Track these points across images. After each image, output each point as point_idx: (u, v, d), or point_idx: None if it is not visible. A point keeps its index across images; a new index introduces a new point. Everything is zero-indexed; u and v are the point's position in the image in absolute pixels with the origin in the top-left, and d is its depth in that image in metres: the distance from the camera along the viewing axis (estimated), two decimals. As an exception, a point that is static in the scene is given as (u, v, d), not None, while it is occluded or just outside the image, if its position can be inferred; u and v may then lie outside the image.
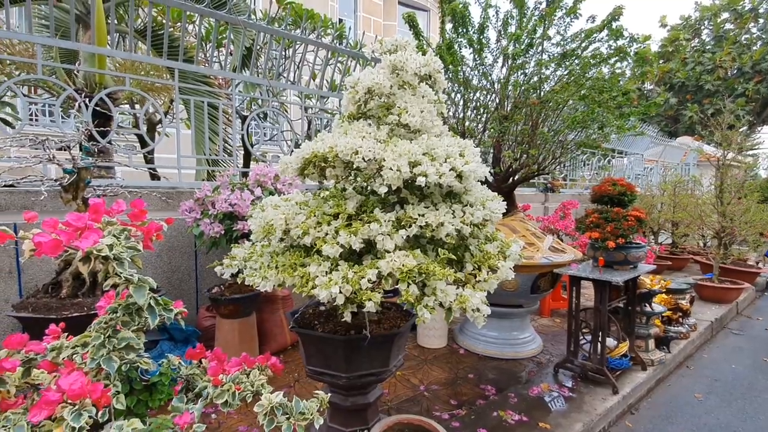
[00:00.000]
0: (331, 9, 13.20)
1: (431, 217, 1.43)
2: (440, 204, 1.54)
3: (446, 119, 3.35)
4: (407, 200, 1.56)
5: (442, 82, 1.67)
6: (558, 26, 3.26)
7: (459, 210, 1.53)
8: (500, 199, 1.78)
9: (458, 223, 1.49)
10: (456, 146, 1.59)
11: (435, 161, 1.45)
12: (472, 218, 1.52)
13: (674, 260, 7.07)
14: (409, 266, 1.33)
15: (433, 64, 1.58)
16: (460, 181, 1.48)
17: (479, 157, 1.59)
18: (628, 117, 3.05)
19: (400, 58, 1.59)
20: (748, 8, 12.53)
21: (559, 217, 5.60)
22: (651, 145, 9.79)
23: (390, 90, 1.61)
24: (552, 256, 3.29)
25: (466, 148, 1.60)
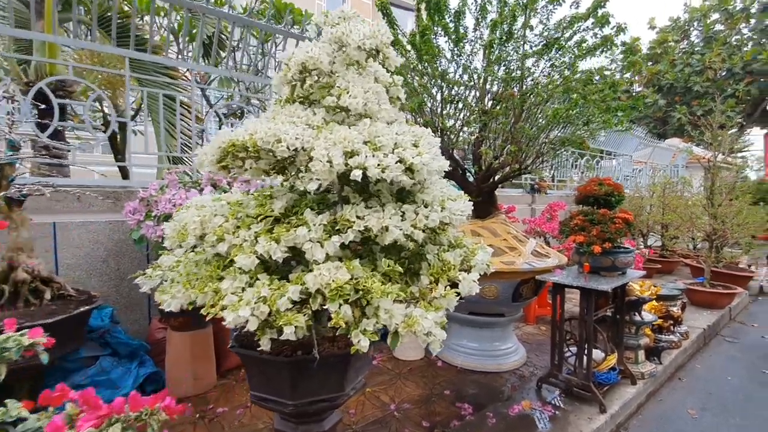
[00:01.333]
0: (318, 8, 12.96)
1: (373, 220, 1.16)
2: (389, 204, 1.27)
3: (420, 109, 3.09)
4: (349, 199, 1.29)
5: (393, 59, 1.40)
6: (541, 15, 3.02)
7: (411, 211, 1.26)
8: (465, 199, 1.52)
9: (408, 227, 1.22)
10: (409, 134, 1.32)
11: (379, 151, 1.18)
12: (426, 221, 1.25)
13: (664, 263, 6.87)
14: (340, 281, 1.06)
15: (380, 36, 1.32)
16: (412, 175, 1.21)
17: (438, 149, 1.32)
18: (615, 112, 2.81)
19: (343, 30, 1.32)
20: (739, 8, 12.46)
21: (546, 218, 5.37)
22: (640, 147, 9.64)
23: (331, 67, 1.34)
24: (535, 262, 3.04)
25: (421, 137, 1.33)
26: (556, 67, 3.09)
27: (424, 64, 3.02)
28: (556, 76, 3.12)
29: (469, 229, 3.31)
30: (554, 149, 3.17)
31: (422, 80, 3.14)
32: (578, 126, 2.98)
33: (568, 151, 7.00)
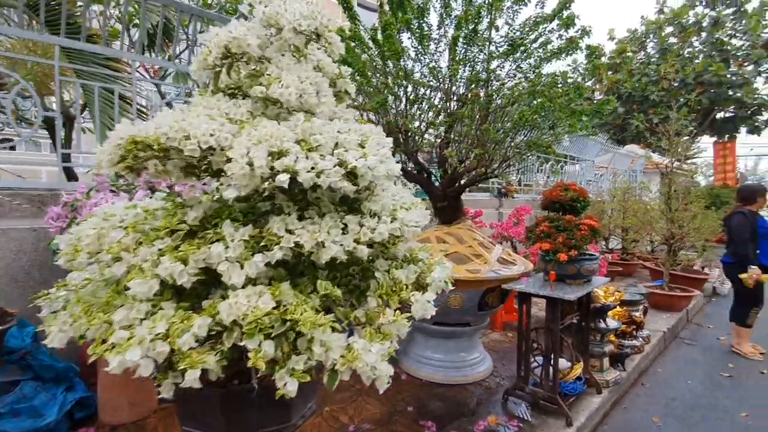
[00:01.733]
0: (287, 6, 12.52)
1: (305, 235, 0.96)
2: (328, 215, 1.07)
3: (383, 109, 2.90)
4: (283, 209, 1.08)
5: (337, 45, 1.20)
6: (507, 15, 2.91)
7: (354, 223, 1.06)
8: (421, 208, 1.34)
9: (350, 242, 1.02)
10: (355, 133, 1.12)
11: (314, 152, 0.98)
12: (372, 235, 1.06)
13: (624, 266, 7.00)
14: (259, 312, 0.85)
15: (319, 17, 1.11)
16: (355, 181, 1.02)
17: (388, 150, 1.14)
18: (580, 116, 2.73)
19: (276, 9, 1.11)
20: (692, 21, 13.05)
21: (513, 223, 5.31)
22: (601, 153, 9.87)
23: (263, 52, 1.13)
24: (501, 269, 2.91)
25: (370, 136, 1.14)
26: (522, 70, 2.99)
27: (387, 62, 2.84)
28: (522, 78, 3.02)
29: (434, 236, 3.15)
30: (521, 153, 3.06)
31: (386, 79, 2.96)
32: (544, 130, 2.88)
33: (534, 156, 7.02)
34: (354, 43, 2.90)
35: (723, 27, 12.73)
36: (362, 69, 2.69)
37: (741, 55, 12.43)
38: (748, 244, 3.79)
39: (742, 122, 13.19)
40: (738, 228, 3.90)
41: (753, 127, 13.19)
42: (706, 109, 12.59)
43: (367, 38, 2.83)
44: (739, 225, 3.89)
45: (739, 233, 3.89)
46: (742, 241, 3.82)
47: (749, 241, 3.79)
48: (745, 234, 3.82)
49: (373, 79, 2.88)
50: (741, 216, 3.93)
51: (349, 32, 2.85)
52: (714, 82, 12.00)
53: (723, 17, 12.73)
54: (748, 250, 3.77)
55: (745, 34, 12.56)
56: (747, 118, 13.01)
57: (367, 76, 2.73)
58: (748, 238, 3.80)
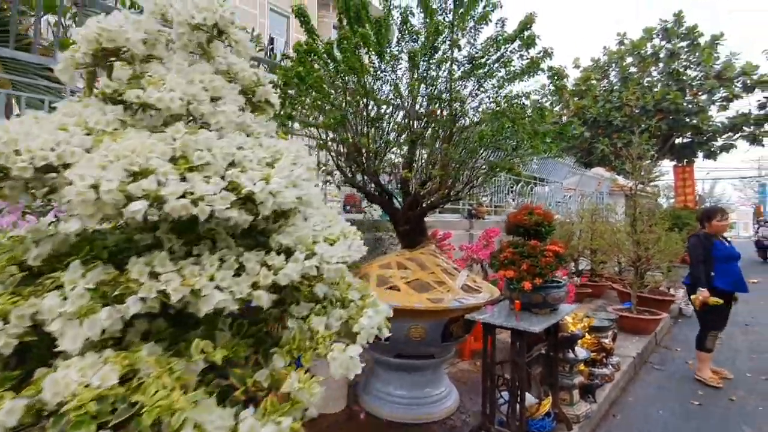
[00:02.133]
0: (261, 26, 12.49)
1: (174, 282, 0.72)
2: (225, 251, 0.84)
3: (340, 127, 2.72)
4: (163, 243, 0.84)
5: (244, 44, 1.00)
6: (469, 35, 2.81)
7: (254, 262, 0.84)
8: (355, 238, 1.13)
9: (245, 288, 0.79)
10: (264, 150, 0.91)
11: (197, 172, 0.76)
12: (277, 277, 0.83)
13: (594, 287, 6.96)
14: (89, 393, 0.60)
15: (221, 10, 0.91)
16: (253, 209, 0.80)
17: (304, 170, 0.93)
18: (543, 138, 2.62)
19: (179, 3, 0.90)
20: (650, 53, 13.72)
21: (483, 245, 5.18)
22: (569, 174, 10.01)
23: (152, 51, 0.91)
24: (465, 298, 2.71)
25: (284, 154, 0.93)
26: (485, 90, 2.88)
27: (344, 78, 2.68)
28: (485, 98, 2.92)
29: (395, 261, 2.94)
30: (485, 175, 2.93)
31: (344, 96, 2.79)
32: (507, 151, 2.76)
33: (504, 177, 6.99)
34: (312, 58, 2.74)
35: (678, 58, 13.42)
36: (317, 84, 2.51)
37: (696, 85, 13.08)
38: (699, 266, 3.79)
39: (699, 147, 13.79)
40: (691, 250, 3.96)
41: (709, 152, 13.80)
42: (666, 135, 13.11)
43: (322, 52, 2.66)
44: (692, 247, 3.94)
45: (691, 256, 3.94)
46: (695, 263, 3.87)
47: (700, 264, 3.79)
48: (697, 257, 3.85)
49: (331, 95, 2.70)
50: (695, 239, 3.97)
51: (305, 46, 2.68)
52: (672, 110, 12.53)
53: (678, 49, 13.43)
54: (699, 272, 3.78)
55: (698, 65, 13.26)
56: (703, 144, 13.61)
57: (323, 91, 2.55)
58: (700, 260, 3.80)
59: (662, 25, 13.92)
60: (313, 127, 2.81)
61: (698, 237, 3.95)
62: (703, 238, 3.90)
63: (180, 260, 0.84)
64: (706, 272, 3.75)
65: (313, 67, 2.63)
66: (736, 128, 13.12)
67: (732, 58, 12.91)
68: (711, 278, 3.75)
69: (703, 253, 3.81)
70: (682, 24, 13.63)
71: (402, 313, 2.62)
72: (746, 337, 5.51)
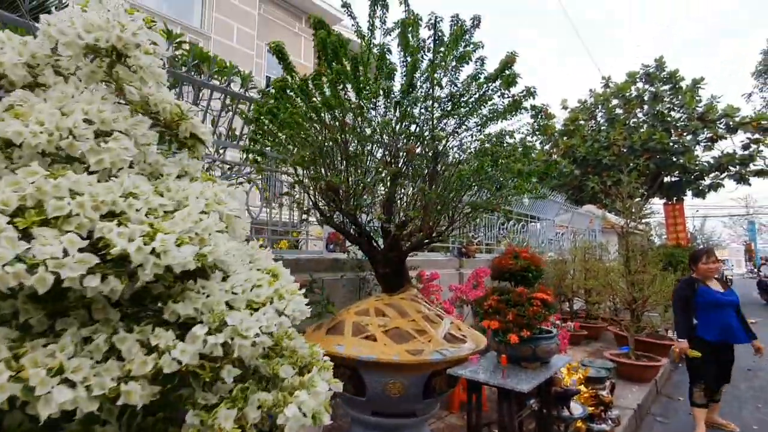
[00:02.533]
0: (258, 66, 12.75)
1: (1, 375, 0.52)
2: (95, 326, 0.64)
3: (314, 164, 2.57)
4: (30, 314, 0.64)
5: (152, 70, 0.84)
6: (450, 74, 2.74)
7: (131, 342, 0.63)
8: (293, 297, 0.93)
9: (107, 381, 0.58)
10: (168, 195, 0.73)
11: (50, 228, 0.57)
12: (161, 362, 0.63)
13: (590, 329, 6.67)
14: None
15: (117, 30, 0.75)
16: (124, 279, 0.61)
17: (215, 219, 0.74)
18: (528, 177, 2.48)
19: (61, 18, 0.75)
20: (634, 95, 14.10)
21: (472, 285, 4.95)
22: (561, 212, 9.93)
23: (32, 77, 0.75)
24: (448, 349, 2.46)
25: (189, 201, 0.75)
26: (469, 128, 2.78)
27: (320, 114, 2.56)
28: (468, 137, 2.81)
29: (374, 307, 2.71)
30: (468, 215, 2.76)
31: (321, 132, 2.66)
32: (491, 190, 2.61)
33: (494, 215, 6.86)
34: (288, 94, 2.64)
35: (662, 101, 13.77)
36: (290, 119, 2.39)
37: (680, 126, 13.34)
38: (678, 314, 3.55)
39: (688, 186, 13.87)
40: (673, 297, 3.70)
41: (698, 190, 13.88)
42: (654, 174, 13.21)
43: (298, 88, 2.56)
44: (674, 293, 3.69)
45: (673, 302, 3.68)
46: (675, 310, 3.62)
47: (679, 312, 3.54)
48: (676, 303, 3.61)
49: (306, 131, 2.58)
50: (680, 284, 3.74)
51: (279, 81, 2.58)
52: (659, 149, 12.69)
53: (661, 92, 13.82)
54: (679, 320, 3.53)
55: (681, 107, 13.59)
56: (691, 183, 13.71)
57: (295, 127, 2.42)
58: (678, 307, 3.56)
59: (644, 69, 14.41)
60: (284, 164, 2.67)
61: (683, 282, 3.72)
62: (685, 284, 3.64)
63: (39, 337, 0.63)
64: (686, 321, 3.48)
65: (287, 102, 2.52)
66: (722, 168, 13.27)
67: (713, 100, 13.26)
68: (693, 327, 3.46)
69: (684, 299, 3.53)
70: (663, 69, 14.10)
71: (378, 366, 2.36)
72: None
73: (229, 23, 10.61)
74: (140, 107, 0.88)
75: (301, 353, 1.04)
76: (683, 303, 3.52)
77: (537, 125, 2.54)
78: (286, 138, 2.56)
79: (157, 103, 0.89)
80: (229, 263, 0.81)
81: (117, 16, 0.74)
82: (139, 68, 0.81)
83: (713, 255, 3.62)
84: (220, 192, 0.82)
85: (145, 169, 0.81)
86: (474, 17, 2.56)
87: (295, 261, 3.45)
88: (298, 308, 0.96)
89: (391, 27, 2.65)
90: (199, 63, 3.83)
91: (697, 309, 3.48)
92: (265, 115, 2.44)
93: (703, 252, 3.67)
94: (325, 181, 2.50)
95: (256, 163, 2.77)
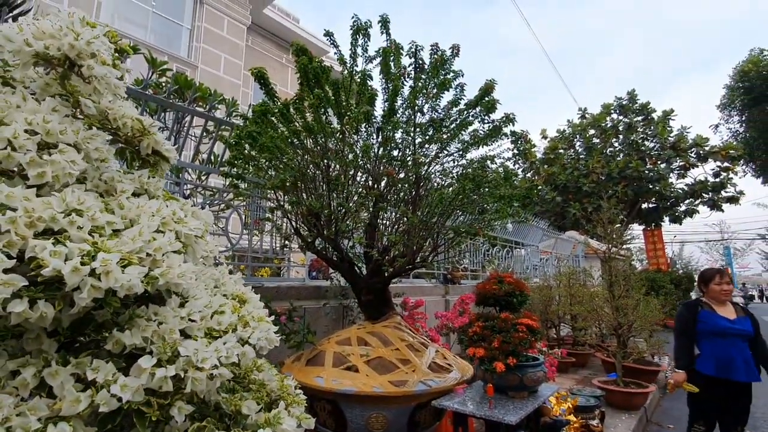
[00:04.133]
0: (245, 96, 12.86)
1: None
2: (24, 359, 0.56)
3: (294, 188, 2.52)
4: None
5: (108, 81, 0.80)
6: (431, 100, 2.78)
7: (66, 376, 0.56)
8: (259, 325, 0.87)
9: (33, 422, 0.50)
10: (119, 213, 0.67)
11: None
12: (98, 398, 0.55)
13: (577, 356, 6.58)
14: None
15: (69, 36, 0.71)
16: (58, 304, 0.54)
17: (171, 238, 0.68)
18: (510, 202, 2.48)
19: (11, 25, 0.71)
20: (609, 126, 14.68)
21: (458, 312, 4.87)
22: (544, 238, 10.03)
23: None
24: (432, 379, 2.37)
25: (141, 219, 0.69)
26: (450, 154, 2.80)
27: (301, 138, 2.54)
28: (450, 163, 2.82)
29: (356, 336, 2.61)
30: (452, 240, 2.73)
31: (301, 156, 2.64)
32: (474, 215, 2.59)
33: (479, 240, 6.86)
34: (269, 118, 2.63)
35: (636, 131, 14.34)
36: (269, 144, 2.36)
37: (654, 155, 13.86)
38: (677, 340, 3.12)
39: (665, 212, 14.26)
40: (675, 324, 3.23)
41: (674, 216, 14.27)
42: (632, 200, 13.56)
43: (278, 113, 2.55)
44: (676, 317, 3.24)
45: (674, 330, 3.21)
46: (675, 336, 3.18)
47: (678, 339, 3.12)
48: (677, 328, 3.17)
49: (286, 156, 2.54)
50: (680, 308, 3.27)
51: (260, 106, 2.57)
52: (635, 177, 13.10)
53: (635, 123, 14.41)
54: (677, 348, 3.11)
55: (654, 137, 14.17)
56: (668, 209, 14.10)
57: (273, 151, 2.39)
58: (679, 333, 3.13)
59: (618, 101, 15.09)
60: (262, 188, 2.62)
61: (684, 306, 3.26)
62: (686, 307, 3.20)
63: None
64: (686, 349, 3.05)
65: (268, 127, 2.50)
66: (696, 194, 13.72)
67: (684, 131, 13.88)
68: (693, 357, 3.02)
69: (684, 325, 3.10)
70: (635, 101, 14.79)
71: (359, 399, 2.25)
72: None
73: (216, 53, 10.76)
74: (98, 122, 0.83)
75: (271, 387, 0.96)
76: (683, 329, 3.11)
77: (517, 150, 2.57)
78: (267, 162, 2.52)
79: (117, 118, 0.84)
80: (186, 287, 0.74)
81: (71, 24, 0.70)
82: (94, 78, 0.77)
83: (727, 276, 3.18)
84: (179, 210, 0.77)
85: (98, 185, 0.75)
86: (453, 46, 2.62)
87: (275, 289, 3.34)
88: (266, 336, 0.88)
89: (372, 55, 2.70)
90: (181, 89, 3.81)
91: (698, 336, 3.05)
92: (245, 139, 2.41)
93: (715, 272, 3.22)
94: (306, 205, 2.44)
95: (236, 188, 2.71)
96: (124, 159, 0.92)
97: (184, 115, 3.66)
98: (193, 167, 3.88)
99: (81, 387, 0.60)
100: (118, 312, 0.66)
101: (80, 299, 0.55)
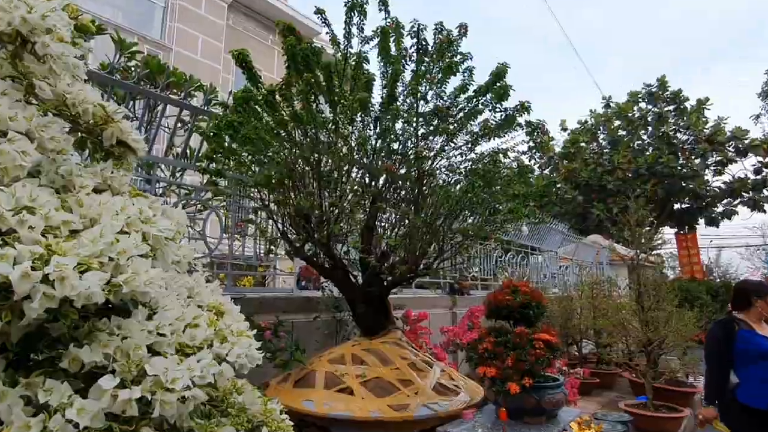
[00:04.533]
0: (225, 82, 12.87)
1: None
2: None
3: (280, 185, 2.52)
4: None
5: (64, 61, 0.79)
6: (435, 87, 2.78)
7: (14, 398, 0.55)
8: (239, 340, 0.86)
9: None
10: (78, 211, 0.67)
11: None
12: (51, 424, 0.54)
13: (602, 376, 6.57)
14: None
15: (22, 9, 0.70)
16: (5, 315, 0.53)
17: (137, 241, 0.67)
18: (524, 201, 2.48)
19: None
20: (637, 116, 14.72)
21: (467, 327, 4.87)
22: (564, 243, 10.03)
23: None
24: (438, 402, 2.36)
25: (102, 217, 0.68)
26: (457, 147, 2.80)
27: (289, 129, 2.54)
28: (457, 157, 2.82)
29: (350, 353, 2.60)
30: (458, 245, 2.73)
31: (290, 150, 2.64)
32: (484, 215, 2.59)
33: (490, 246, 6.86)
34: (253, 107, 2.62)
35: (666, 122, 14.38)
36: (252, 135, 2.35)
37: (687, 149, 13.90)
38: (711, 370, 2.90)
39: (700, 213, 14.29)
40: (705, 347, 3.01)
41: (710, 218, 14.30)
42: (663, 200, 13.59)
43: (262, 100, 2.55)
44: (706, 344, 2.99)
45: (705, 355, 3.00)
46: (705, 362, 2.98)
47: (709, 364, 2.93)
48: (707, 353, 2.98)
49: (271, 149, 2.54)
50: (714, 327, 3.02)
51: (242, 93, 2.57)
52: (666, 174, 13.14)
53: (665, 113, 14.45)
54: (710, 378, 2.91)
55: (687, 129, 14.21)
56: (703, 210, 14.14)
57: (256, 143, 2.39)
58: (709, 359, 2.93)
59: (647, 89, 15.12)
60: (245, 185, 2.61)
61: (717, 324, 3.04)
62: (720, 326, 2.95)
63: None
64: (717, 378, 2.81)
65: (251, 116, 2.49)
66: (734, 193, 13.76)
67: (721, 122, 13.92)
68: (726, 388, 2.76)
69: (717, 347, 2.84)
70: (666, 88, 14.82)
71: (355, 425, 2.24)
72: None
73: (193, 34, 10.77)
74: (55, 107, 0.82)
75: (253, 411, 0.95)
76: (716, 352, 2.87)
77: (534, 142, 2.57)
78: (250, 156, 2.52)
79: (77, 103, 0.84)
80: (155, 296, 0.73)
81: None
82: (50, 57, 0.76)
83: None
84: (147, 209, 0.76)
85: (54, 180, 0.75)
86: (460, 25, 2.63)
87: (259, 300, 3.33)
88: (247, 353, 0.88)
89: (369, 35, 2.70)
90: (152, 74, 3.81)
91: (736, 361, 2.78)
92: (225, 130, 2.40)
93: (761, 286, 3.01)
94: (294, 205, 2.44)
95: (215, 186, 2.71)
96: (85, 150, 0.92)
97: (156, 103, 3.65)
98: (166, 162, 3.87)
99: (32, 411, 0.59)
100: (75, 325, 0.65)
101: (31, 310, 0.54)
